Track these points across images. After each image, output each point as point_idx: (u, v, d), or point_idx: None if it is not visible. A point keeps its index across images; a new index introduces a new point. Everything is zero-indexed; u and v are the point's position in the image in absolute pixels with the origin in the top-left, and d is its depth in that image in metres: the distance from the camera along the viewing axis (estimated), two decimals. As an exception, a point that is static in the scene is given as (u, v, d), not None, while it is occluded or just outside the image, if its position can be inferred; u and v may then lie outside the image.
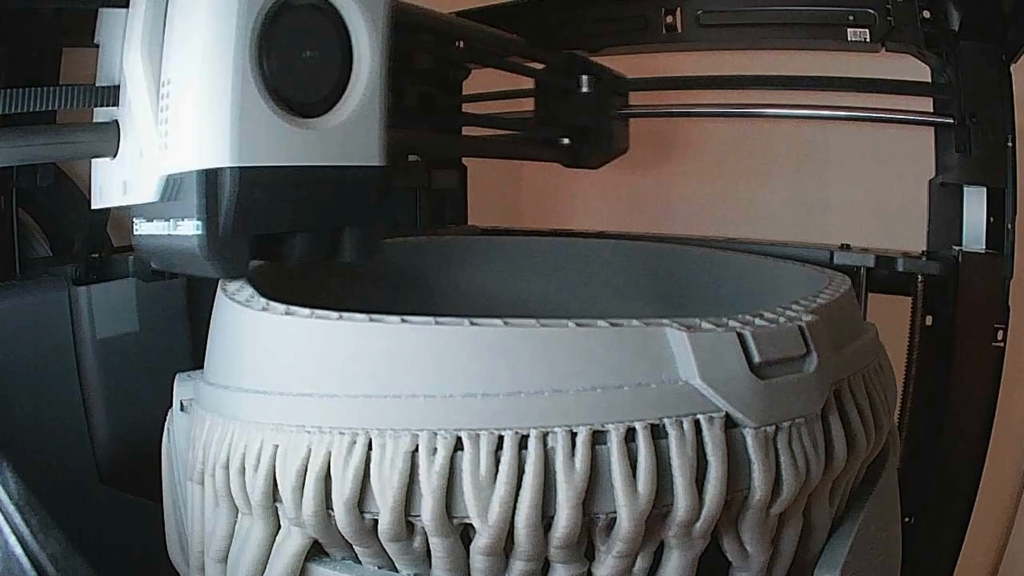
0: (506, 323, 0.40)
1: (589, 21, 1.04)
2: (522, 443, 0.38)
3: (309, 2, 0.47)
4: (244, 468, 0.41)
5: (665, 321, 0.41)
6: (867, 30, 0.88)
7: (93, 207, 0.57)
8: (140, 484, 0.73)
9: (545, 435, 0.38)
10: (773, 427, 0.41)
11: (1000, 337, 0.86)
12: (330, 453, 0.39)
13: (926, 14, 0.87)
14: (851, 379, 0.48)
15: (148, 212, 0.51)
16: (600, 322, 0.41)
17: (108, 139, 0.50)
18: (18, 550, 0.53)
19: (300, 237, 0.53)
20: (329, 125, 0.50)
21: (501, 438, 0.38)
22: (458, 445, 0.38)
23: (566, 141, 1.04)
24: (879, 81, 0.91)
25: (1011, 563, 1.16)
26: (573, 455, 0.38)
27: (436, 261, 0.84)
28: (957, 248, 0.88)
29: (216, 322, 0.50)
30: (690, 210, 1.37)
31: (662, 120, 1.22)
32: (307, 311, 0.43)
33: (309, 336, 0.43)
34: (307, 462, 0.39)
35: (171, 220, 0.49)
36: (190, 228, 0.47)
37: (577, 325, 0.40)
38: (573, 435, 0.38)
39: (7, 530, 0.55)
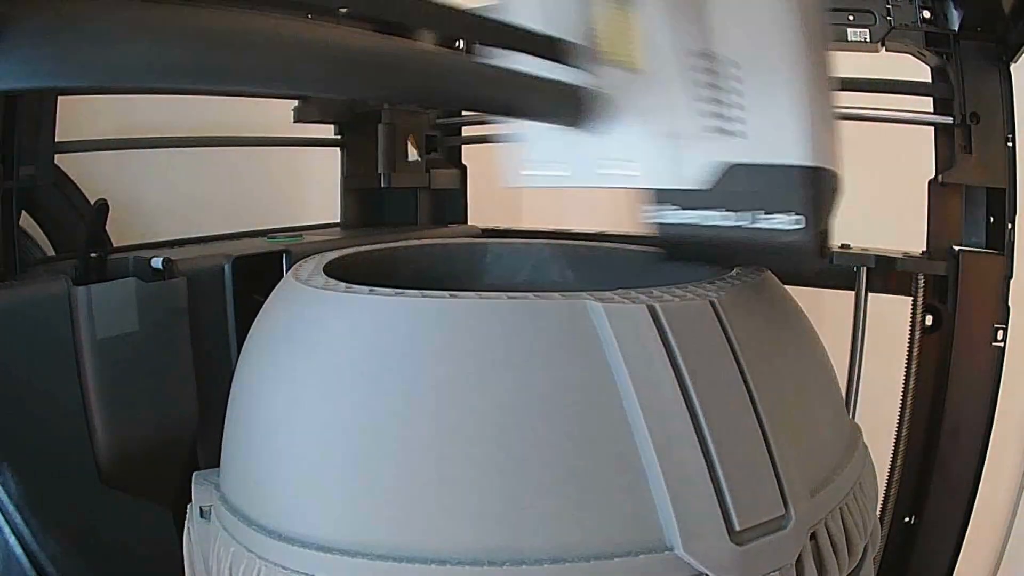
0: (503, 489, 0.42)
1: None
2: None
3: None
4: None
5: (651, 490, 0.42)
6: (867, 30, 0.88)
7: (510, 185, 0.54)
8: (140, 484, 0.73)
9: None
10: None
11: (1000, 337, 0.86)
12: None
13: (926, 14, 0.87)
14: (828, 518, 0.49)
15: (679, 199, 0.52)
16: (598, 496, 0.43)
17: (583, 105, 0.46)
18: (18, 550, 0.53)
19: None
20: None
21: None
22: None
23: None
24: (879, 81, 0.91)
25: (1011, 563, 1.16)
26: None
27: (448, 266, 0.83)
28: (957, 248, 0.88)
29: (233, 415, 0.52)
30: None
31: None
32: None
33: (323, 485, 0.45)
34: None
35: (740, 211, 0.51)
36: (785, 222, 0.49)
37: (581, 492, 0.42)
38: None
39: (7, 530, 0.55)
